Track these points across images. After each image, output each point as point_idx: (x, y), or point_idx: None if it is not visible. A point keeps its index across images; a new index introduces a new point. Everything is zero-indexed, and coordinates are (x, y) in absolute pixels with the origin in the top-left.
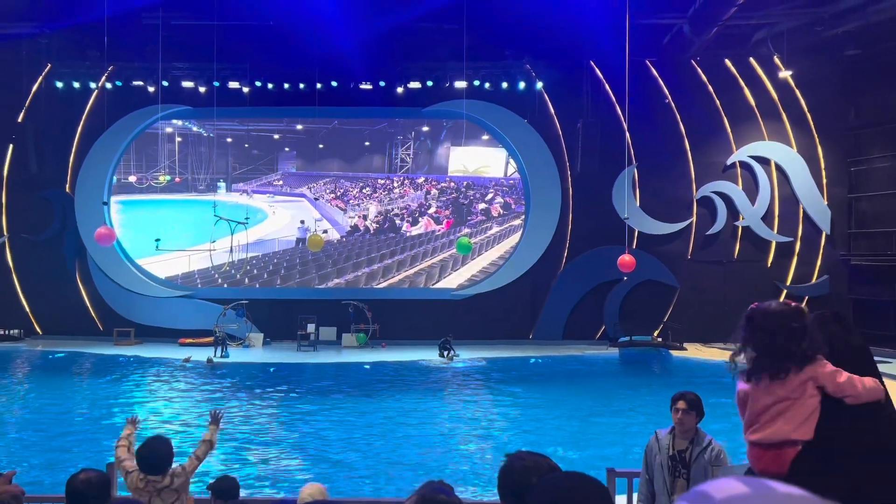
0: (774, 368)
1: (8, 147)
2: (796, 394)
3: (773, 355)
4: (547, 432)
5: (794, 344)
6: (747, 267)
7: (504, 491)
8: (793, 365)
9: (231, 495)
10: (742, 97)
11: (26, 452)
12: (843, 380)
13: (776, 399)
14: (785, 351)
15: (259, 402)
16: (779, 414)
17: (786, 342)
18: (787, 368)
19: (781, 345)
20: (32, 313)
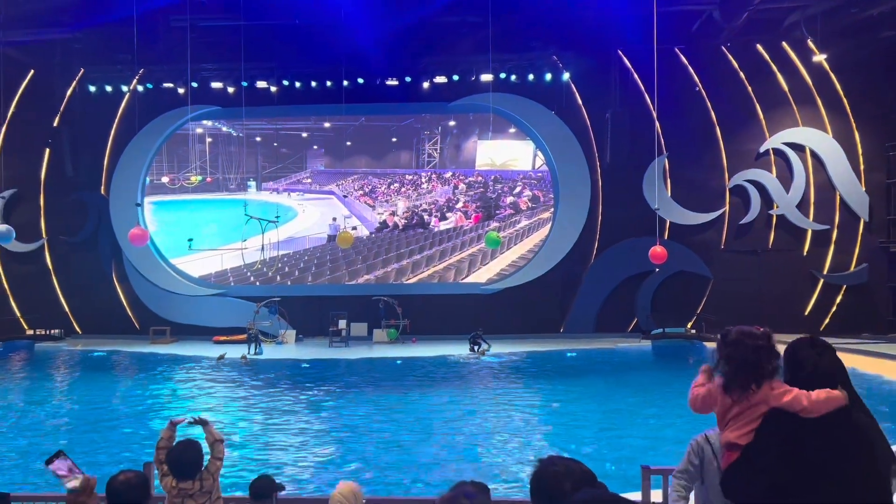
0: (744, 383)
1: (45, 151)
2: (750, 406)
3: (744, 371)
4: (579, 427)
5: (764, 362)
6: (782, 256)
7: (536, 496)
8: (755, 382)
9: (267, 494)
10: (775, 83)
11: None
12: (789, 398)
13: (736, 411)
14: (753, 367)
15: (293, 398)
16: (731, 420)
17: (755, 360)
18: (753, 384)
19: (752, 362)
20: (72, 313)
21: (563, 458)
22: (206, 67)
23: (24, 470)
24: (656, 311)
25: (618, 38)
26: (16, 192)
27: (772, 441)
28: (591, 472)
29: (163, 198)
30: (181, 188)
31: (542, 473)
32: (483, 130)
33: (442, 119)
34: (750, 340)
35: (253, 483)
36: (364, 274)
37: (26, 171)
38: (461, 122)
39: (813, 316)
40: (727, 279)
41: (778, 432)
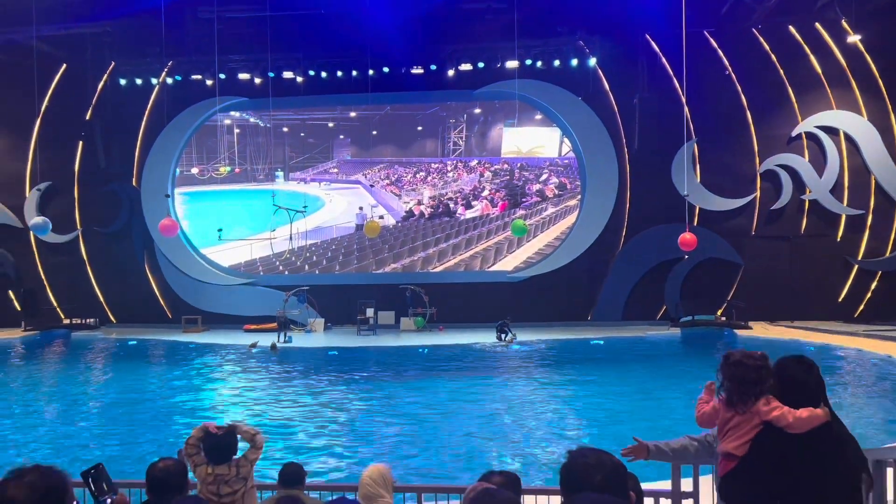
0: (745, 399)
1: (78, 144)
2: (746, 420)
3: (745, 388)
4: (609, 417)
5: (762, 380)
6: (815, 242)
7: (566, 487)
8: (754, 396)
9: (296, 481)
10: (807, 65)
11: (103, 437)
12: (777, 414)
13: (734, 422)
14: (753, 384)
15: (322, 386)
16: (730, 431)
17: (755, 378)
18: (750, 401)
19: (752, 380)
20: (106, 303)
21: (594, 449)
22: (233, 59)
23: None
24: (685, 299)
25: (645, 22)
26: (51, 185)
27: (764, 453)
28: (622, 464)
29: (193, 189)
30: (210, 179)
31: (573, 465)
32: (509, 117)
33: (467, 107)
34: (750, 361)
35: (283, 470)
36: (390, 263)
37: (60, 164)
38: (487, 110)
39: (847, 303)
40: (758, 266)
41: (770, 445)
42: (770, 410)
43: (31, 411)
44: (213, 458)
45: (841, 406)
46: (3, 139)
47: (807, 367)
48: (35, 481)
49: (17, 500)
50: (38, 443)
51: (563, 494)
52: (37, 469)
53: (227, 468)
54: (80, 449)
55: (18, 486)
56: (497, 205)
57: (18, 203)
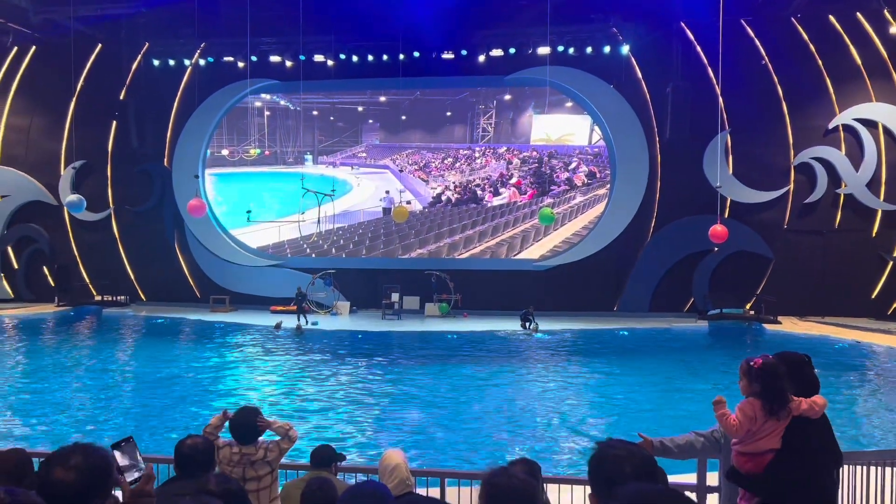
0: (784, 405)
1: (112, 123)
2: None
3: (782, 396)
4: (632, 409)
5: (786, 388)
6: (849, 237)
7: (596, 479)
8: (785, 404)
9: (326, 463)
10: (847, 56)
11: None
12: (806, 407)
13: (770, 425)
14: (784, 391)
15: (344, 369)
16: (767, 434)
17: (784, 386)
18: (783, 406)
19: (783, 387)
20: (137, 281)
21: (624, 441)
22: (264, 41)
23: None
24: (714, 292)
25: (681, 10)
26: (85, 163)
27: (796, 441)
28: (651, 456)
29: (223, 170)
30: (240, 161)
31: (602, 457)
32: (539, 104)
33: (497, 93)
34: (780, 370)
35: (314, 451)
36: (416, 248)
37: (95, 143)
38: (516, 96)
39: (880, 299)
40: (789, 260)
41: (800, 434)
42: (799, 406)
43: (68, 384)
44: (238, 436)
45: (872, 404)
46: (39, 118)
47: (811, 366)
48: (80, 463)
49: (65, 482)
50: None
51: (593, 486)
52: (80, 449)
53: (254, 449)
54: (113, 423)
55: (65, 468)
56: (525, 192)
57: (54, 181)
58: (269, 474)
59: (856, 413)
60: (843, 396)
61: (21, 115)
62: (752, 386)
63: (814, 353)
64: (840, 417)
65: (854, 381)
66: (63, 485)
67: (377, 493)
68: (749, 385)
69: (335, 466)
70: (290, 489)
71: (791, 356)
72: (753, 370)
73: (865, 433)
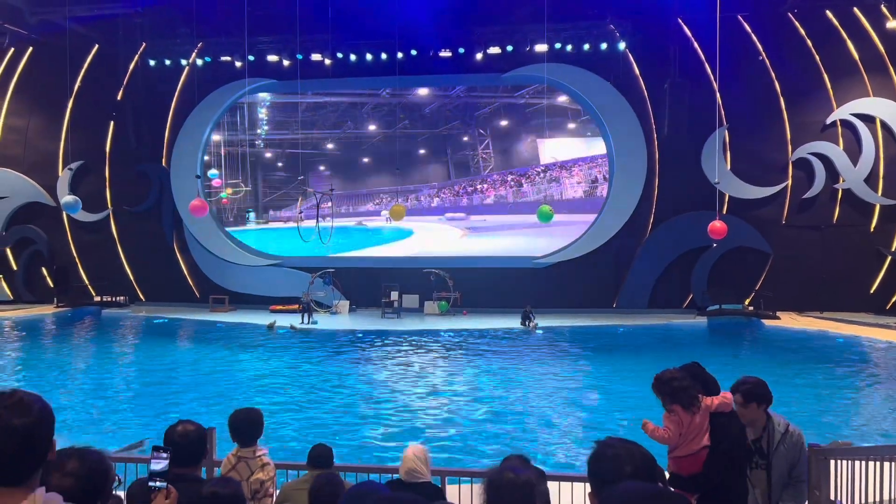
0: (695, 399)
1: (109, 124)
2: (701, 419)
3: (688, 393)
4: (632, 406)
5: (691, 386)
6: (848, 232)
7: (595, 478)
8: (698, 396)
9: (325, 463)
10: (844, 51)
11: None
12: (718, 402)
13: (695, 425)
14: (690, 389)
15: (344, 368)
16: (695, 434)
17: (688, 385)
18: (698, 399)
19: (686, 386)
20: (136, 281)
21: (623, 439)
22: (262, 40)
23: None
24: (713, 287)
25: (678, 6)
26: (83, 164)
27: (721, 434)
28: (650, 455)
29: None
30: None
31: (601, 456)
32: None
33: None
34: (677, 374)
35: (311, 451)
36: None
37: (92, 144)
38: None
39: (879, 294)
40: (788, 255)
41: (720, 427)
42: (712, 403)
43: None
44: (237, 437)
45: (871, 398)
46: (36, 119)
47: (702, 367)
48: (77, 469)
49: (62, 487)
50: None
51: (592, 485)
52: (76, 453)
53: (251, 451)
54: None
55: (62, 476)
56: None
57: (51, 182)
58: (270, 478)
59: (855, 408)
60: (842, 391)
61: (18, 116)
62: (664, 400)
63: (813, 348)
64: (839, 413)
65: (853, 375)
66: (61, 491)
67: (376, 492)
68: (663, 401)
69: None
70: (289, 490)
71: (684, 366)
72: (654, 385)
73: (862, 427)
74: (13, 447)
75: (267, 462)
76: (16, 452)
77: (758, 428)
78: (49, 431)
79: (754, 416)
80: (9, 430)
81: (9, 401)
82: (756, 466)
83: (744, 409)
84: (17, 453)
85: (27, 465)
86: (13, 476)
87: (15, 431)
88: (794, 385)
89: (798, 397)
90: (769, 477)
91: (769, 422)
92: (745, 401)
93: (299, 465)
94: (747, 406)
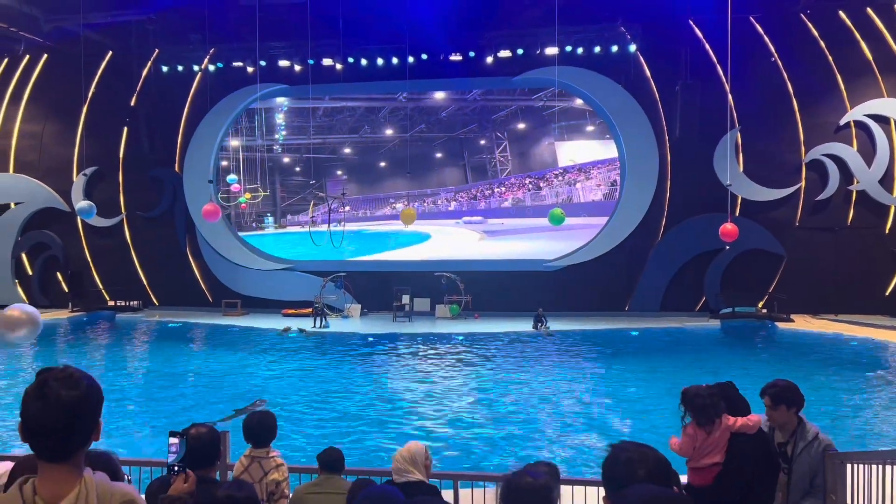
0: (710, 419)
1: (123, 130)
2: (720, 436)
3: (707, 412)
4: (646, 409)
5: (715, 406)
6: (862, 234)
7: (609, 482)
8: (716, 417)
9: (337, 467)
10: (858, 52)
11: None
12: (741, 423)
13: (710, 442)
14: (711, 408)
15: (355, 371)
16: (710, 450)
17: (710, 403)
18: (715, 419)
19: (709, 405)
20: (149, 286)
21: (636, 443)
22: (273, 46)
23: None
24: (726, 290)
25: (689, 8)
26: (97, 170)
27: (738, 454)
28: (665, 458)
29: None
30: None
31: (615, 460)
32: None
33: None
34: (704, 392)
35: (323, 455)
36: None
37: (106, 149)
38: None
39: (894, 296)
40: (801, 257)
41: (740, 447)
42: (735, 423)
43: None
44: (250, 438)
45: (888, 402)
46: (51, 125)
47: (735, 388)
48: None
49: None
50: None
51: (606, 488)
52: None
53: (264, 451)
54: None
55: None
56: None
57: (66, 187)
58: (284, 477)
59: (871, 411)
60: (856, 395)
61: (34, 123)
62: (685, 413)
63: (827, 351)
64: (855, 416)
65: (868, 378)
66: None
67: (391, 497)
68: (684, 413)
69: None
70: (302, 494)
71: (718, 384)
72: (681, 399)
73: (881, 432)
74: (61, 419)
75: (280, 463)
76: (63, 425)
77: (787, 432)
78: (96, 408)
79: (784, 420)
80: (57, 402)
81: (60, 374)
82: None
83: (773, 412)
84: (65, 426)
85: (73, 440)
86: (60, 451)
87: (62, 403)
88: (810, 388)
89: (814, 401)
90: (789, 482)
91: (799, 427)
92: (773, 403)
93: (310, 469)
94: (776, 409)
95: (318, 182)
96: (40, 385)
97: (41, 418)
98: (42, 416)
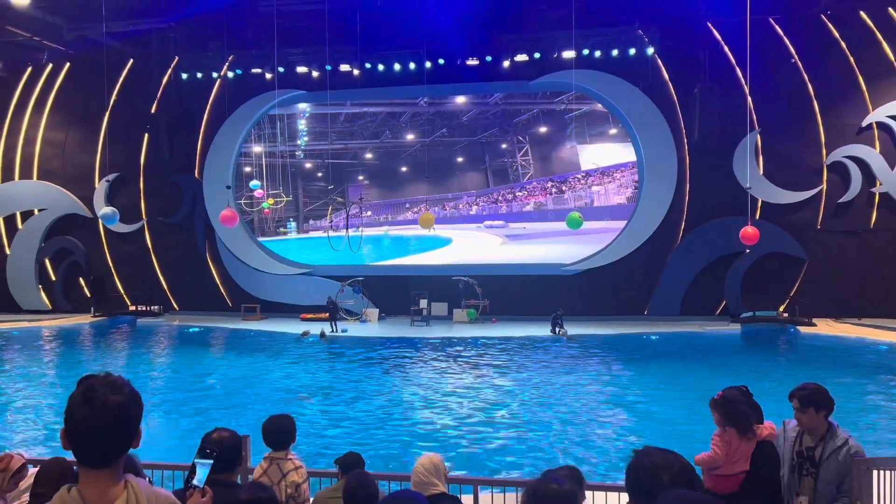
0: (750, 426)
1: (144, 136)
2: (746, 444)
3: (747, 420)
4: (667, 414)
5: (752, 412)
6: (885, 236)
7: (633, 488)
8: (751, 426)
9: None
10: (879, 52)
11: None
12: (769, 431)
13: (742, 450)
14: (748, 415)
15: (373, 375)
16: (739, 458)
17: (748, 411)
18: (749, 428)
19: (747, 413)
20: (170, 290)
21: (661, 449)
22: (291, 52)
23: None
24: (747, 294)
25: (707, 10)
26: (119, 176)
27: (762, 461)
28: (689, 464)
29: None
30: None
31: (639, 465)
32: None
33: (529, 127)
34: (738, 398)
35: (342, 459)
36: None
37: (127, 156)
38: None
39: None
40: (823, 261)
41: (763, 454)
42: (763, 430)
43: None
44: (270, 442)
45: None
46: (74, 132)
47: (750, 394)
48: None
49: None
50: None
51: (630, 494)
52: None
53: (283, 454)
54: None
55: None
56: None
57: (89, 194)
58: (304, 479)
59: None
60: (882, 400)
61: (57, 130)
62: (720, 418)
63: (851, 356)
64: (878, 422)
65: (893, 384)
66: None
67: (414, 500)
68: (718, 419)
69: None
70: (322, 499)
71: (733, 387)
72: (718, 402)
73: None
74: (107, 424)
75: (300, 465)
76: (109, 430)
77: (815, 436)
78: (137, 413)
79: (812, 423)
80: (104, 406)
81: (105, 380)
82: (807, 474)
83: (801, 415)
84: (110, 431)
85: (116, 445)
86: (104, 456)
87: (109, 408)
88: (835, 393)
89: (838, 405)
90: (816, 486)
91: (829, 431)
92: (801, 406)
93: (330, 473)
94: (805, 411)
95: (340, 188)
96: (87, 390)
97: (89, 423)
98: (90, 420)
